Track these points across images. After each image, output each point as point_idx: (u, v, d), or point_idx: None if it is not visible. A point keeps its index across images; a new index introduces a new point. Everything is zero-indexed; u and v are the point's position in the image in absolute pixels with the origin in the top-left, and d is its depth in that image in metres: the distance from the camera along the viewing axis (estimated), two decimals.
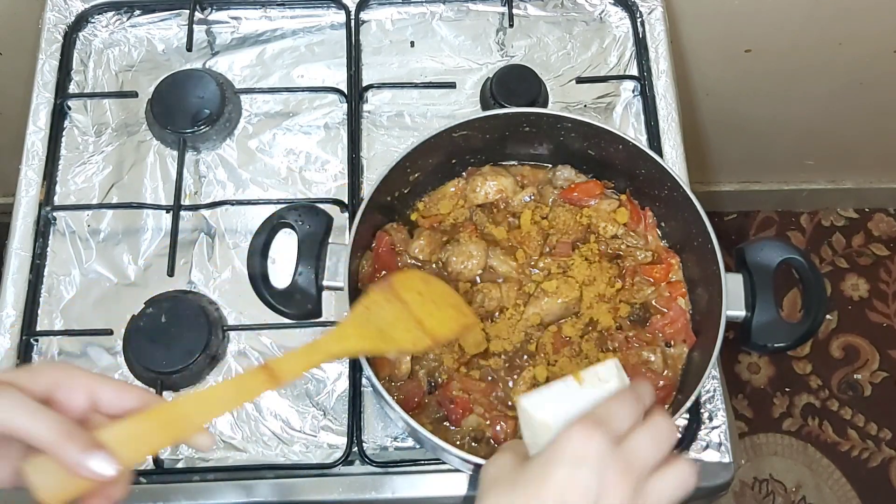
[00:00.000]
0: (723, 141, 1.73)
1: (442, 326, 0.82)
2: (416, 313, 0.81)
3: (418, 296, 0.82)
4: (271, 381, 0.67)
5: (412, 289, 0.82)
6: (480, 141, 0.96)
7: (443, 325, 0.82)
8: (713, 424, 0.96)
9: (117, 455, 0.58)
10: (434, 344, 0.80)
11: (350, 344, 0.76)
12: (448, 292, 0.86)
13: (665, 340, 0.91)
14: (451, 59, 1.15)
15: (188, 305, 0.97)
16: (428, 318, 0.81)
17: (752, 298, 0.86)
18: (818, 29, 1.38)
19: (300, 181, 1.08)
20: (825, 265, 2.02)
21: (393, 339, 0.78)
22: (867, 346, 1.94)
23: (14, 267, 1.01)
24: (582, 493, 0.56)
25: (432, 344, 0.80)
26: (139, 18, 1.16)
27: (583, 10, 1.18)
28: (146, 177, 1.08)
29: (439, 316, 0.82)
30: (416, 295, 0.82)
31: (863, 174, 1.95)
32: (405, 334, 0.79)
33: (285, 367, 0.69)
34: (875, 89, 1.55)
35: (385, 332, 0.78)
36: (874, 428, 1.86)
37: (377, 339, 0.77)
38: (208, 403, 0.65)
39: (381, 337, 0.78)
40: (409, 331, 0.79)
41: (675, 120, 1.11)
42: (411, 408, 0.87)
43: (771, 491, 1.81)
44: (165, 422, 0.63)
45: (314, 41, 1.16)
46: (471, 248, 0.92)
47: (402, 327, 0.79)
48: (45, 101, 1.10)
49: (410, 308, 0.81)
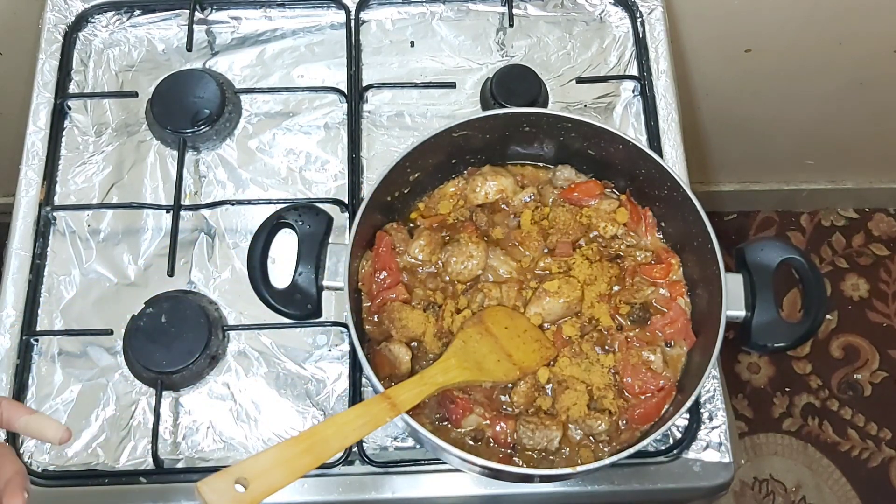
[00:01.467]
0: (723, 141, 1.73)
1: (528, 359, 0.88)
2: (505, 347, 0.87)
3: (506, 330, 0.88)
4: (392, 409, 0.74)
5: (500, 323, 0.88)
6: (480, 141, 0.96)
7: (528, 357, 0.88)
8: (713, 424, 0.96)
9: (269, 479, 0.65)
10: (522, 375, 0.87)
11: (453, 375, 0.82)
12: (531, 326, 0.90)
13: (665, 340, 0.91)
14: (451, 59, 1.15)
15: (188, 305, 0.97)
16: (516, 351, 0.87)
17: (752, 298, 0.86)
18: (818, 29, 1.38)
19: (300, 181, 1.08)
20: (825, 265, 2.02)
21: (488, 370, 0.85)
22: (867, 346, 1.94)
23: (14, 267, 1.01)
24: None
25: (520, 375, 0.87)
26: (139, 18, 1.16)
27: (583, 10, 1.18)
28: (146, 177, 1.08)
29: (525, 349, 0.88)
30: (503, 329, 0.88)
31: (863, 174, 1.95)
32: (497, 366, 0.86)
33: (403, 397, 0.76)
34: (875, 89, 1.55)
35: (481, 364, 0.85)
36: (874, 428, 1.86)
37: (475, 371, 0.84)
38: (344, 430, 0.72)
39: (479, 368, 0.84)
40: (501, 362, 0.86)
41: (675, 120, 1.11)
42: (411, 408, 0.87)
43: (771, 491, 1.81)
44: (309, 446, 0.69)
45: (314, 41, 1.16)
46: (471, 248, 0.92)
47: (494, 359, 0.86)
48: (45, 101, 1.10)
49: (500, 342, 0.87)
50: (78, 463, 0.94)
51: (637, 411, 0.87)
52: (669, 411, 0.86)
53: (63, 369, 0.98)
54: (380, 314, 0.91)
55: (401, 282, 0.92)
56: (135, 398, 0.97)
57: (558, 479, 0.93)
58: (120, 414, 0.96)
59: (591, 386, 0.88)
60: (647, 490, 0.94)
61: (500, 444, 0.86)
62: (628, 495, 0.94)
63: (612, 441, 0.87)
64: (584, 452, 0.86)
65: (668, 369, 0.90)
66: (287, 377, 0.98)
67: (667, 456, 0.95)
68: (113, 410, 0.96)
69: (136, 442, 0.95)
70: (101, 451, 0.95)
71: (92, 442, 0.95)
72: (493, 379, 0.86)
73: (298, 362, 0.99)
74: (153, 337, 0.96)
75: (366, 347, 0.89)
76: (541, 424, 0.86)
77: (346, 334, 0.99)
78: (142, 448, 0.95)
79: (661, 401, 0.88)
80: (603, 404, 0.87)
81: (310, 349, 1.00)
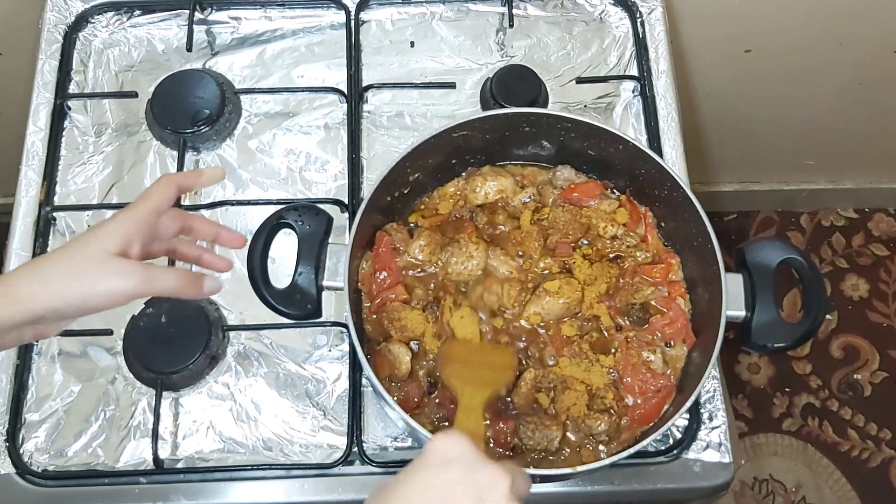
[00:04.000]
0: (723, 141, 1.73)
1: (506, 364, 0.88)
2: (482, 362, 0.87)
3: (469, 354, 0.88)
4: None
5: (462, 351, 0.88)
6: (480, 141, 0.96)
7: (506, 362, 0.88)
8: (713, 424, 0.96)
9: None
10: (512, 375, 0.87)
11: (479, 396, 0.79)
12: (483, 346, 0.90)
13: (665, 340, 0.91)
14: (451, 59, 1.15)
15: (188, 305, 0.97)
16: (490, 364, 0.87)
17: (752, 298, 0.86)
18: (818, 29, 1.38)
19: (300, 181, 1.08)
20: (825, 265, 2.01)
21: (491, 379, 0.83)
22: (867, 346, 1.94)
23: (14, 267, 1.01)
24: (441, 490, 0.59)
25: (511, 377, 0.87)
26: (139, 18, 1.16)
27: (583, 10, 1.18)
28: (146, 177, 1.07)
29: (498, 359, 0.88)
30: (468, 355, 0.87)
31: (863, 174, 1.95)
32: (494, 374, 0.85)
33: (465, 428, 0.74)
34: (875, 89, 1.55)
35: (485, 379, 0.83)
36: (874, 428, 1.86)
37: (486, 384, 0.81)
38: None
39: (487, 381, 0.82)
40: (493, 371, 0.85)
41: (675, 120, 1.11)
42: (411, 408, 0.87)
43: (771, 491, 1.81)
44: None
45: (314, 41, 1.16)
46: (471, 248, 0.92)
47: (487, 371, 0.85)
48: (45, 101, 1.10)
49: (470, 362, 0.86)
50: (78, 463, 0.94)
51: (637, 411, 0.87)
52: (669, 411, 0.86)
53: (63, 369, 0.98)
54: (380, 314, 0.91)
55: (401, 282, 0.92)
56: (135, 398, 0.97)
57: (558, 479, 0.92)
58: (120, 414, 0.96)
59: (590, 386, 0.88)
60: (647, 490, 0.94)
61: (500, 445, 0.86)
62: (628, 495, 0.94)
63: (612, 441, 0.87)
64: (584, 452, 0.86)
65: (668, 369, 0.90)
66: (287, 377, 0.98)
67: (667, 456, 0.95)
68: (113, 410, 0.96)
69: (136, 442, 0.95)
70: (101, 451, 0.95)
71: (92, 442, 0.95)
72: (499, 382, 0.85)
73: (298, 362, 0.99)
74: (153, 337, 0.96)
75: (366, 347, 0.89)
76: (541, 424, 0.86)
77: (346, 334, 0.99)
78: (142, 448, 0.95)
79: (661, 401, 0.88)
80: (603, 404, 0.87)
81: (310, 349, 1.00)
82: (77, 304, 0.65)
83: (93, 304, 0.66)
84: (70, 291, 0.65)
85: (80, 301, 0.65)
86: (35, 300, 0.64)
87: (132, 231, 0.68)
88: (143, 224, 0.69)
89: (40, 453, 0.94)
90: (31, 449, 0.95)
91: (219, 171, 0.80)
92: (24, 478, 0.93)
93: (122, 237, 0.67)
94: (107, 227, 0.68)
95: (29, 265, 0.67)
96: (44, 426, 0.95)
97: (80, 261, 0.66)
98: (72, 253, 0.67)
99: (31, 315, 0.64)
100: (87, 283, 0.65)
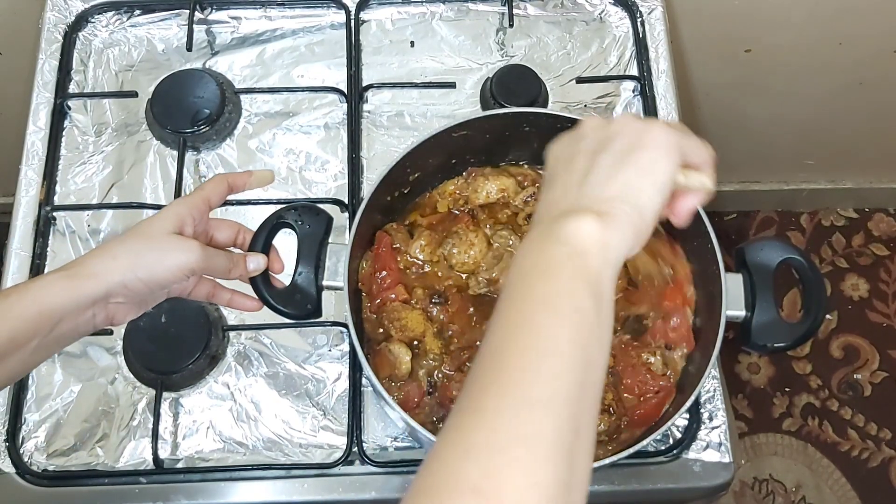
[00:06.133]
0: (723, 141, 1.73)
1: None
2: None
3: None
4: None
5: None
6: (480, 141, 0.96)
7: None
8: (713, 424, 0.96)
9: None
10: None
11: None
12: None
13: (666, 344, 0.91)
14: (451, 59, 1.15)
15: (188, 305, 0.97)
16: None
17: (752, 298, 0.86)
18: (818, 29, 1.38)
19: (300, 181, 1.08)
20: (825, 265, 2.01)
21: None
22: (867, 346, 1.94)
23: (14, 267, 1.01)
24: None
25: None
26: (139, 18, 1.16)
27: (583, 10, 1.18)
28: (146, 177, 1.08)
29: None
30: None
31: (863, 174, 1.95)
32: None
33: None
34: (875, 89, 1.55)
35: None
36: (874, 428, 1.86)
37: None
38: None
39: None
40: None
41: (675, 120, 1.11)
42: (411, 408, 0.87)
43: (771, 491, 1.81)
44: None
45: (314, 41, 1.16)
46: (470, 237, 0.92)
47: None
48: (45, 101, 1.10)
49: None
50: (78, 463, 0.94)
51: (637, 411, 0.87)
52: (669, 411, 0.86)
53: (63, 369, 0.98)
54: (380, 314, 0.91)
55: (401, 282, 0.92)
56: (135, 398, 0.97)
57: None
58: (120, 414, 0.96)
59: None
60: (647, 490, 0.94)
61: None
62: (628, 495, 0.94)
63: (612, 441, 0.87)
64: None
65: (669, 370, 0.90)
66: (287, 377, 0.98)
67: (667, 456, 0.95)
68: (113, 410, 0.96)
69: (136, 442, 0.95)
70: (101, 451, 0.95)
71: (92, 442, 0.95)
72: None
73: (298, 362, 0.99)
74: (153, 337, 0.96)
75: (366, 347, 0.89)
76: None
77: (346, 334, 0.99)
78: (142, 448, 0.95)
79: (661, 401, 0.88)
80: (602, 404, 0.87)
81: (310, 349, 1.00)
82: (145, 279, 0.70)
83: (159, 279, 0.71)
84: (139, 262, 0.70)
85: (147, 274, 0.70)
86: (107, 274, 0.69)
87: (184, 214, 0.75)
88: (194, 209, 0.76)
89: (40, 453, 0.94)
90: (31, 449, 0.95)
91: (268, 173, 0.84)
92: (24, 478, 0.93)
93: (178, 217, 0.74)
94: (163, 211, 0.75)
95: (98, 247, 0.73)
96: (44, 426, 0.95)
97: (146, 238, 0.72)
98: (137, 232, 0.73)
99: (104, 289, 0.69)
100: (153, 257, 0.71)
